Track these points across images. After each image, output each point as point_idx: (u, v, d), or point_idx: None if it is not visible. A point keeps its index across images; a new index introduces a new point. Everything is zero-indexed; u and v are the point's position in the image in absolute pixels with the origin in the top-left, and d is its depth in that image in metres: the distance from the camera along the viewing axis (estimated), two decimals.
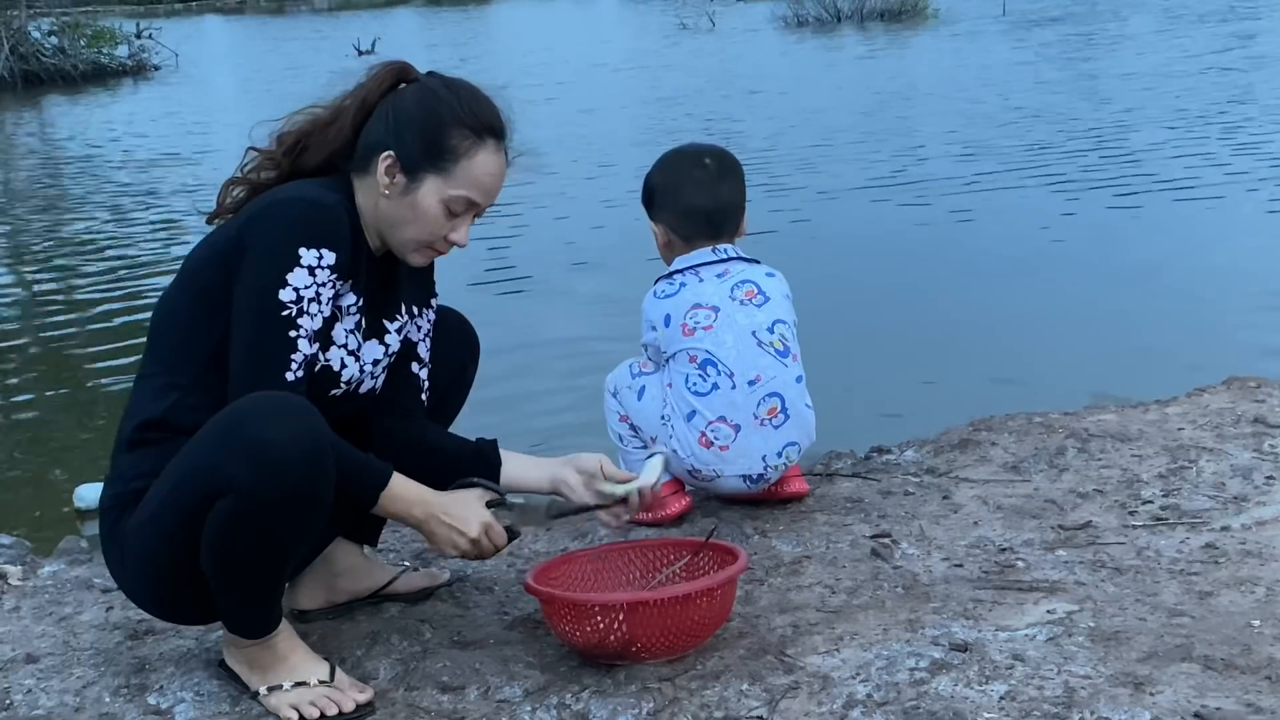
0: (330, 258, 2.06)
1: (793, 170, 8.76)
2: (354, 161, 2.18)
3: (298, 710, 2.08)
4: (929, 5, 22.50)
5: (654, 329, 2.83)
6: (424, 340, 2.36)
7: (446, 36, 26.69)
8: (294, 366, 2.03)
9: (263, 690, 2.12)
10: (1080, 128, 9.80)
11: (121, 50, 22.19)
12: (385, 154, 2.13)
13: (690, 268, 2.83)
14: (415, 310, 2.34)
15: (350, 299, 2.16)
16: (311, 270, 2.04)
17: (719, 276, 2.81)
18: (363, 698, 2.11)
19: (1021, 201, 7.44)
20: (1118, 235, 6.51)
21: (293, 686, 2.11)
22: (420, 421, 2.36)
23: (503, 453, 2.34)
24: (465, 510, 2.17)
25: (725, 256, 2.84)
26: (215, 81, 19.80)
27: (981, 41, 17.63)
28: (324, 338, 2.11)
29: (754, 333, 2.76)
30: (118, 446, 2.15)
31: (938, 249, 6.56)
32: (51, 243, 8.39)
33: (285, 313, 2.02)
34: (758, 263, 2.89)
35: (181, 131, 13.62)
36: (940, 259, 6.35)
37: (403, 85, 2.21)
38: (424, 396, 2.38)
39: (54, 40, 21.42)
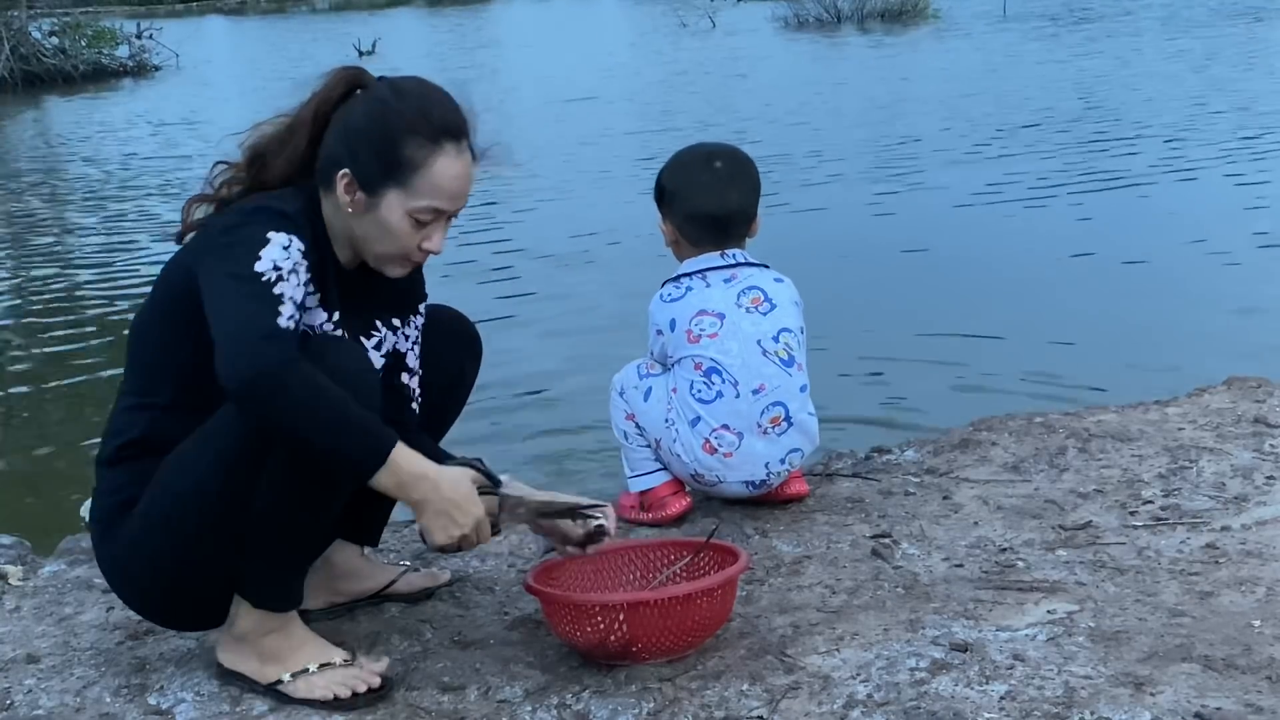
0: (300, 245, 2.01)
1: (793, 169, 8.76)
2: (317, 175, 2.13)
3: (332, 691, 2.10)
4: (929, 5, 22.50)
5: (660, 333, 2.81)
6: (412, 349, 2.32)
7: (447, 38, 26.70)
8: (285, 315, 1.95)
9: (286, 677, 2.12)
10: (1082, 127, 9.80)
11: (122, 50, 22.20)
12: (341, 173, 2.07)
13: (697, 272, 2.81)
14: (397, 322, 2.28)
15: (321, 317, 2.11)
16: (285, 247, 1.99)
17: (726, 282, 2.79)
18: (379, 667, 2.16)
19: (1023, 200, 7.44)
20: (1120, 234, 6.52)
21: (319, 669, 2.13)
22: (407, 436, 2.32)
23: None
24: (464, 501, 2.04)
25: (733, 262, 2.81)
26: (216, 82, 19.80)
27: (982, 41, 17.64)
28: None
29: (759, 341, 2.74)
30: (100, 463, 2.14)
31: (938, 248, 6.56)
32: (52, 242, 8.40)
33: (265, 278, 1.95)
34: (766, 267, 2.86)
35: (181, 131, 13.63)
36: (940, 258, 6.35)
37: (356, 92, 2.13)
38: (415, 405, 2.34)
39: (54, 40, 21.42)
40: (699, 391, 2.74)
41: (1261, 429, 3.18)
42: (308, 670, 2.13)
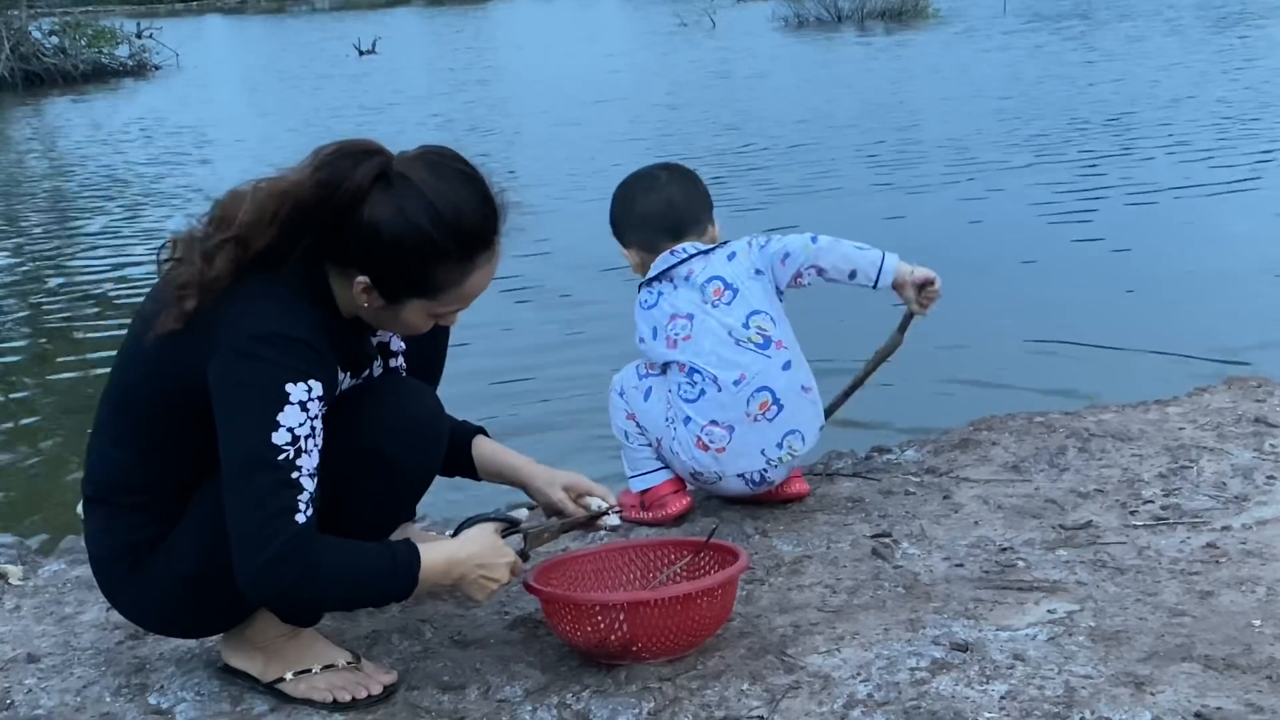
0: (319, 388, 1.92)
1: (794, 169, 8.76)
2: (329, 256, 1.99)
3: (331, 693, 2.11)
4: (930, 5, 22.51)
5: (643, 340, 2.86)
6: (393, 335, 2.28)
7: (454, 38, 26.68)
8: (302, 507, 1.88)
9: (289, 676, 2.14)
10: (1082, 126, 9.80)
11: (122, 50, 22.25)
12: (360, 279, 1.97)
13: (661, 274, 2.83)
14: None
15: (347, 383, 2.10)
16: (303, 405, 1.90)
17: (687, 279, 2.81)
18: (388, 679, 2.16)
19: (1024, 200, 7.43)
20: (1121, 233, 6.51)
21: (322, 670, 2.15)
22: None
23: (477, 444, 2.35)
24: (493, 557, 2.10)
25: (684, 256, 2.82)
26: (216, 82, 19.81)
27: (983, 41, 17.64)
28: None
29: (730, 332, 2.76)
30: (105, 504, 2.08)
31: (938, 247, 6.55)
32: (53, 243, 8.40)
33: (282, 456, 1.87)
34: (720, 246, 2.85)
35: (180, 131, 13.63)
36: (940, 257, 6.33)
37: (375, 192, 1.94)
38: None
39: (55, 40, 21.46)
40: (684, 392, 2.78)
41: (1261, 429, 3.18)
42: (311, 670, 2.15)
